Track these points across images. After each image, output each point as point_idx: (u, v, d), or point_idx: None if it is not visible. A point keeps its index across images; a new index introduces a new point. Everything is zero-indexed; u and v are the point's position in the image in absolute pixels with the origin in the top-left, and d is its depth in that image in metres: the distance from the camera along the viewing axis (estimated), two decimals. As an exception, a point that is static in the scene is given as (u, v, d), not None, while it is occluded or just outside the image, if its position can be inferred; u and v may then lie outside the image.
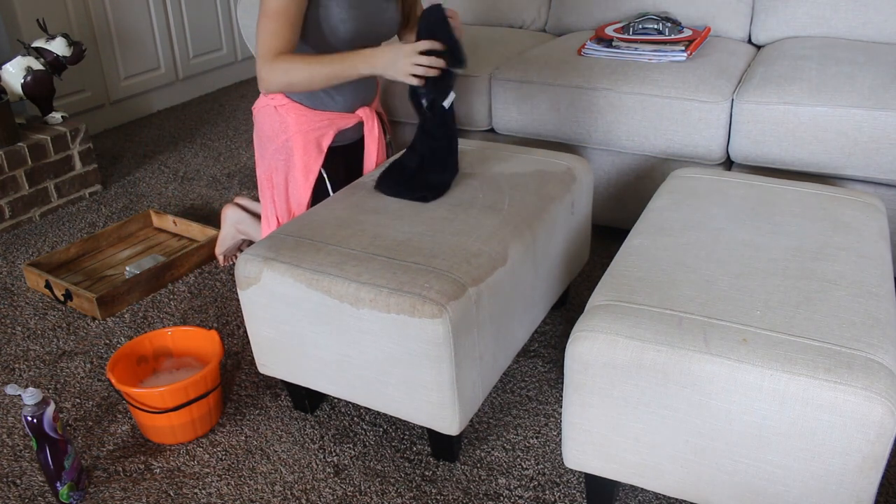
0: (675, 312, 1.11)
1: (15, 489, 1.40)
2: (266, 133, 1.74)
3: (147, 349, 1.59)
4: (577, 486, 1.35)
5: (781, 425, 1.02)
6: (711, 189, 1.51)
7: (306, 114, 1.70)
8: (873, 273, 1.20)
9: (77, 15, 3.00)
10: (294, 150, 1.71)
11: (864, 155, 1.75)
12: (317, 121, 1.71)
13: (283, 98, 1.70)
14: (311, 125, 1.71)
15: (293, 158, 1.71)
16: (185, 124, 3.30)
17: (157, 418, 1.44)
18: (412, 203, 1.50)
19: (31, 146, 2.38)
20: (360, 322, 1.27)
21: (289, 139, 1.70)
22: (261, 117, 1.75)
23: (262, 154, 1.77)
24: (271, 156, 1.74)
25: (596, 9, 2.45)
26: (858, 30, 2.12)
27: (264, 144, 1.75)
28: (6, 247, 2.29)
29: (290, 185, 1.74)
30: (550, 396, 1.58)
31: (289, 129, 1.70)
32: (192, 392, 1.44)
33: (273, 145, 1.73)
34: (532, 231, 1.45)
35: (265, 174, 1.77)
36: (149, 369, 1.60)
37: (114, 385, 1.43)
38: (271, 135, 1.73)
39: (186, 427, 1.47)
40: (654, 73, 1.94)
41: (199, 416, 1.47)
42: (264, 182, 1.78)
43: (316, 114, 1.71)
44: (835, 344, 1.03)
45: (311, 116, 1.71)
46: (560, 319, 1.83)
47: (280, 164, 1.73)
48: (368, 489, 1.36)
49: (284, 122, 1.70)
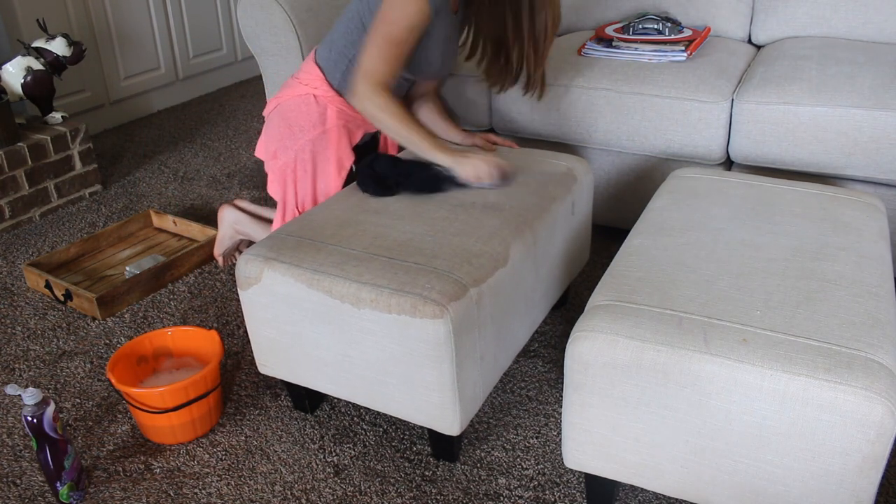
0: (675, 312, 1.11)
1: (15, 489, 1.40)
2: (300, 124, 1.71)
3: (147, 349, 1.59)
4: (577, 486, 1.35)
5: (781, 425, 1.02)
6: (711, 189, 1.51)
7: (345, 108, 1.72)
8: (873, 273, 1.20)
9: (77, 15, 3.00)
10: (330, 143, 1.70)
11: (864, 155, 1.75)
12: (353, 117, 1.73)
13: (327, 88, 1.69)
14: (347, 120, 1.72)
15: (328, 151, 1.71)
16: (185, 124, 3.30)
17: (157, 418, 1.44)
18: (413, 203, 1.50)
19: (31, 146, 2.38)
20: (360, 322, 1.27)
21: (326, 131, 1.70)
22: (294, 106, 1.72)
23: (286, 145, 1.72)
24: (302, 146, 1.71)
25: (596, 9, 2.45)
26: (858, 30, 2.12)
27: (295, 134, 1.71)
28: (6, 247, 2.29)
29: (318, 177, 1.72)
30: (550, 396, 1.58)
31: (327, 122, 1.70)
32: (192, 392, 1.44)
33: (307, 136, 1.70)
34: (533, 231, 1.45)
35: (288, 165, 1.73)
36: (149, 369, 1.60)
37: (114, 385, 1.43)
38: (306, 125, 1.70)
39: (186, 427, 1.47)
40: (654, 73, 1.94)
41: (199, 416, 1.47)
42: (287, 172, 1.74)
43: (353, 110, 1.72)
44: (835, 344, 1.03)
45: (350, 112, 1.72)
46: (560, 319, 1.83)
47: (311, 155, 1.70)
48: (368, 489, 1.37)
49: (324, 115, 1.70)
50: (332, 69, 1.70)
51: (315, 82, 1.71)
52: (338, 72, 1.70)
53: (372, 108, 1.55)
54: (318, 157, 1.72)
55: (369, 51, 1.54)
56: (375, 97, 1.54)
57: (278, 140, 1.75)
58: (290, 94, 1.73)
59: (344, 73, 1.69)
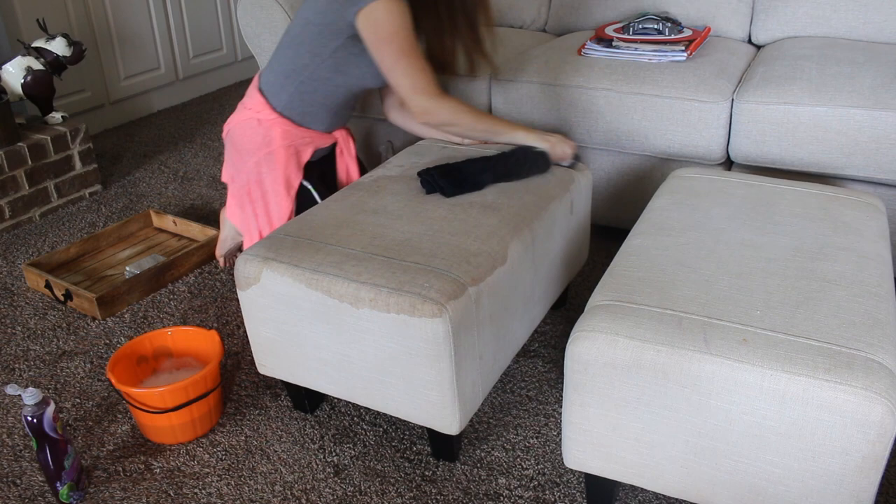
0: (675, 312, 1.11)
1: (15, 489, 1.40)
2: (246, 147, 1.75)
3: (147, 349, 1.59)
4: (577, 486, 1.35)
5: (781, 425, 1.02)
6: (711, 189, 1.51)
7: (291, 129, 1.73)
8: (873, 273, 1.20)
9: (77, 15, 3.00)
10: (276, 163, 1.72)
11: (864, 155, 1.75)
12: (300, 136, 1.74)
13: (270, 112, 1.72)
14: (294, 140, 1.74)
15: (275, 171, 1.73)
16: (185, 124, 3.30)
17: (157, 418, 1.44)
18: (412, 203, 1.50)
19: (31, 146, 2.38)
20: (359, 322, 1.27)
21: (272, 152, 1.72)
22: (240, 131, 1.75)
23: (239, 168, 1.77)
24: (251, 169, 1.75)
25: (596, 9, 2.45)
26: (858, 30, 2.12)
27: (244, 158, 1.76)
28: (6, 247, 2.29)
29: (270, 198, 1.75)
30: (550, 396, 1.58)
31: (273, 143, 1.72)
32: (192, 392, 1.44)
33: (254, 158, 1.74)
34: (531, 231, 1.45)
35: (243, 188, 1.77)
36: (149, 369, 1.60)
37: (114, 385, 1.43)
38: (252, 148, 1.74)
39: (186, 427, 1.47)
40: (654, 73, 1.94)
41: (199, 416, 1.47)
42: (243, 196, 1.78)
43: (300, 130, 1.74)
44: (835, 344, 1.03)
45: (296, 132, 1.74)
46: (560, 319, 1.83)
47: (259, 177, 1.74)
48: (368, 489, 1.36)
49: (269, 136, 1.72)
50: (275, 93, 1.72)
51: (257, 107, 1.73)
52: (284, 94, 1.71)
53: (444, 115, 1.60)
54: (267, 179, 1.74)
55: (397, 73, 1.57)
56: (442, 105, 1.59)
57: (231, 165, 1.80)
58: (237, 119, 1.77)
59: (290, 97, 1.71)
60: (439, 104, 1.59)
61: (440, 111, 1.60)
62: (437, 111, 1.60)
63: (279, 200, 1.74)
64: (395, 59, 1.56)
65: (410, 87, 1.58)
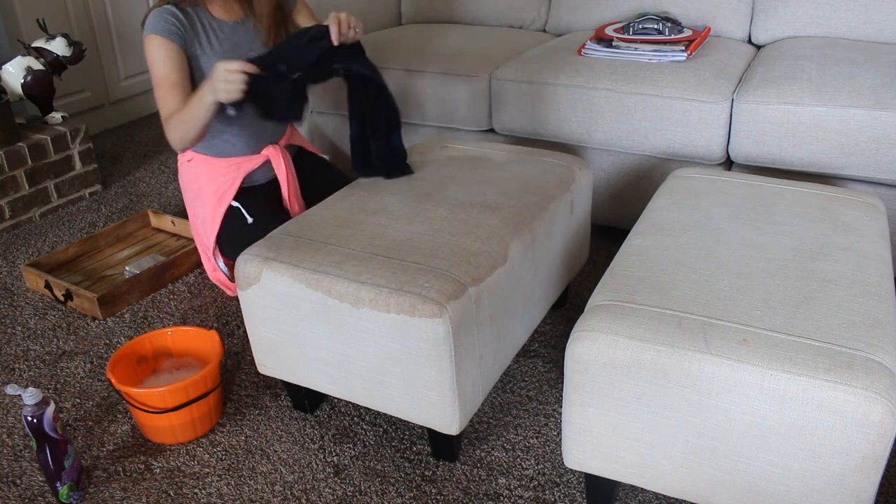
0: (675, 312, 1.11)
1: (15, 489, 1.40)
2: (184, 186, 1.89)
3: (147, 349, 1.60)
4: (577, 486, 1.35)
5: (781, 425, 1.02)
6: (711, 189, 1.51)
7: (213, 163, 1.82)
8: (873, 273, 1.20)
9: (77, 15, 3.00)
10: (205, 196, 1.82)
11: (864, 155, 1.75)
12: (224, 168, 1.82)
13: (191, 153, 1.83)
14: (219, 172, 1.81)
15: (205, 204, 1.82)
16: (185, 124, 3.30)
17: (157, 418, 1.44)
18: (412, 203, 1.50)
19: (31, 146, 2.38)
20: (359, 322, 1.27)
21: (201, 187, 1.82)
22: (180, 175, 1.90)
23: (188, 205, 1.90)
24: (190, 203, 1.88)
25: (596, 9, 2.45)
26: (858, 30, 2.12)
27: (186, 197, 1.89)
28: (6, 247, 2.29)
29: (200, 228, 1.86)
30: (550, 396, 1.58)
31: (200, 179, 1.83)
32: (193, 392, 1.44)
33: (189, 195, 1.87)
34: (532, 231, 1.45)
35: (193, 225, 1.91)
36: (149, 369, 1.60)
37: (114, 385, 1.43)
38: (186, 186, 1.87)
39: (187, 427, 1.47)
40: (654, 73, 1.94)
41: (199, 416, 1.47)
42: (195, 232, 1.91)
43: (221, 161, 1.82)
44: (835, 344, 1.03)
45: (218, 165, 1.82)
46: (560, 319, 1.83)
47: (198, 209, 1.84)
48: (368, 489, 1.36)
49: (196, 173, 1.83)
50: None
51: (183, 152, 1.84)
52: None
53: (173, 136, 1.66)
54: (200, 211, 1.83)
55: (157, 102, 1.67)
56: (168, 128, 1.66)
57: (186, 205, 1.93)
58: (178, 166, 1.93)
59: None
60: (168, 130, 1.67)
61: (170, 136, 1.67)
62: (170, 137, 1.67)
63: (206, 229, 1.83)
64: (155, 92, 1.68)
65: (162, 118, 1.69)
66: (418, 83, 2.23)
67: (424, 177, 1.62)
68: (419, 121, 2.30)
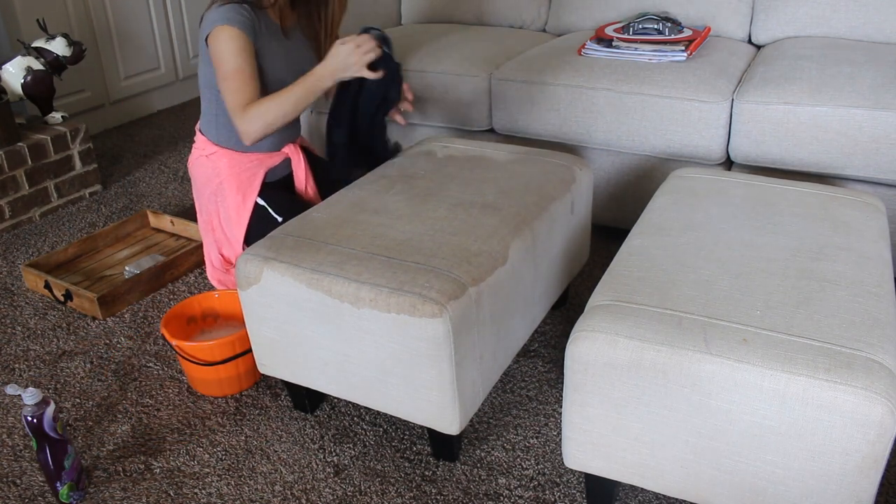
0: (675, 312, 1.11)
1: (15, 489, 1.40)
2: (201, 181, 1.85)
3: (196, 310, 1.73)
4: (577, 486, 1.35)
5: (781, 425, 1.02)
6: (711, 189, 1.51)
7: (237, 157, 1.80)
8: (873, 273, 1.20)
9: (77, 15, 3.00)
10: (227, 192, 1.80)
11: (864, 155, 1.75)
12: (247, 163, 1.80)
13: (213, 147, 1.81)
14: (242, 167, 1.80)
15: (226, 200, 1.80)
16: (185, 124, 3.30)
17: (206, 371, 1.56)
18: (412, 203, 1.50)
19: (31, 146, 2.38)
20: (360, 322, 1.27)
21: (221, 182, 1.80)
22: (195, 169, 1.86)
23: (200, 204, 1.87)
24: (207, 200, 1.84)
25: (596, 9, 2.45)
26: (858, 30, 2.12)
27: (201, 192, 1.86)
28: (6, 247, 2.29)
29: (224, 226, 1.83)
30: (550, 396, 1.58)
31: (221, 174, 1.80)
32: (239, 347, 1.56)
33: (208, 190, 1.83)
34: (532, 231, 1.45)
35: (206, 221, 1.87)
36: (197, 329, 1.74)
37: (167, 339, 1.56)
38: (205, 181, 1.83)
39: (233, 380, 1.59)
40: (654, 73, 1.94)
41: (244, 370, 1.59)
42: (206, 227, 1.88)
43: (245, 156, 1.80)
44: (835, 344, 1.03)
45: (242, 159, 1.80)
46: (560, 319, 1.83)
47: (216, 207, 1.83)
48: (368, 489, 1.36)
49: (217, 168, 1.81)
50: (209, 130, 1.82)
51: (201, 145, 1.84)
52: (213, 128, 1.81)
53: (255, 125, 1.63)
54: (220, 208, 1.82)
55: (224, 94, 1.64)
56: (249, 117, 1.62)
57: (196, 202, 1.90)
58: (191, 159, 1.90)
59: (218, 129, 1.80)
60: (246, 120, 1.63)
61: (250, 125, 1.63)
62: (248, 127, 1.63)
63: (234, 225, 1.81)
64: (223, 81, 1.63)
65: (231, 107, 1.64)
66: (418, 83, 2.23)
67: (425, 177, 1.62)
68: (419, 121, 2.30)
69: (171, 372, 1.70)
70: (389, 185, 1.59)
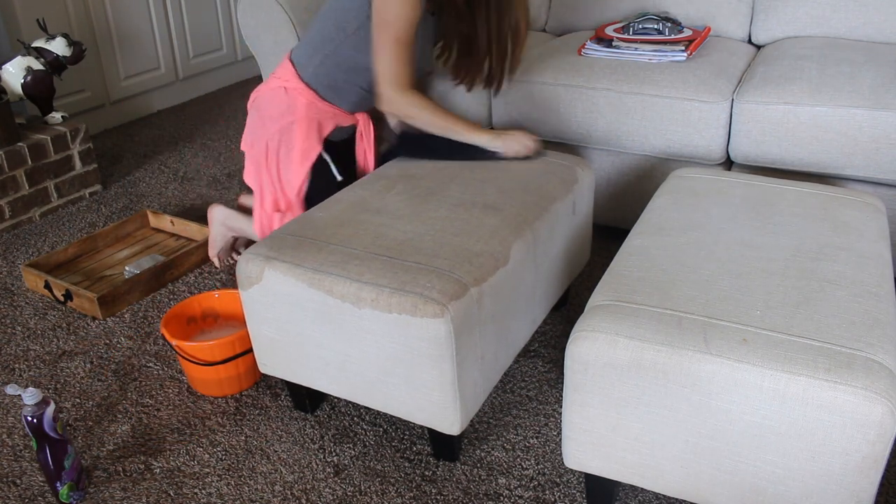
0: (675, 312, 1.11)
1: (15, 489, 1.40)
2: (271, 114, 1.78)
3: (196, 310, 1.72)
4: (577, 486, 1.36)
5: (781, 425, 1.02)
6: (711, 189, 1.51)
7: (315, 101, 1.76)
8: (873, 273, 1.20)
9: (77, 15, 3.00)
10: (297, 132, 1.75)
11: (864, 155, 1.75)
12: (323, 110, 1.77)
13: (297, 81, 1.76)
14: (316, 112, 1.76)
15: (294, 141, 1.75)
16: (185, 124, 3.30)
17: (206, 371, 1.56)
18: (414, 203, 1.50)
19: (31, 146, 2.38)
20: (361, 322, 1.27)
21: (294, 122, 1.75)
22: (267, 98, 1.79)
23: (259, 136, 1.79)
24: (272, 135, 1.77)
25: (596, 9, 2.45)
26: (858, 30, 2.12)
27: (266, 125, 1.78)
28: (6, 247, 2.29)
29: (282, 167, 1.78)
30: (550, 396, 1.58)
31: (296, 112, 1.75)
32: (239, 347, 1.56)
33: (277, 125, 1.77)
34: (533, 231, 1.45)
35: (261, 153, 1.79)
36: (197, 329, 1.73)
37: (167, 340, 1.56)
38: (276, 115, 1.77)
39: (233, 380, 1.59)
40: (654, 73, 1.94)
41: (244, 370, 1.59)
42: (261, 161, 1.80)
43: (323, 104, 1.77)
44: (835, 344, 1.03)
45: (319, 105, 1.77)
46: (560, 319, 1.83)
47: (279, 144, 1.77)
48: (368, 489, 1.37)
49: (293, 104, 1.75)
50: (304, 65, 1.76)
51: (286, 76, 1.78)
52: (310, 66, 1.75)
53: (405, 108, 1.66)
54: (283, 147, 1.77)
55: (383, 56, 1.62)
56: (405, 98, 1.66)
57: (252, 132, 1.82)
58: (266, 87, 1.81)
59: (317, 68, 1.75)
60: (404, 98, 1.66)
61: (402, 104, 1.66)
62: (400, 103, 1.67)
63: (294, 168, 1.76)
64: (387, 44, 1.61)
65: (386, 74, 1.63)
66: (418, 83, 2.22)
67: (426, 177, 1.62)
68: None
69: (171, 372, 1.70)
70: (390, 184, 1.59)
